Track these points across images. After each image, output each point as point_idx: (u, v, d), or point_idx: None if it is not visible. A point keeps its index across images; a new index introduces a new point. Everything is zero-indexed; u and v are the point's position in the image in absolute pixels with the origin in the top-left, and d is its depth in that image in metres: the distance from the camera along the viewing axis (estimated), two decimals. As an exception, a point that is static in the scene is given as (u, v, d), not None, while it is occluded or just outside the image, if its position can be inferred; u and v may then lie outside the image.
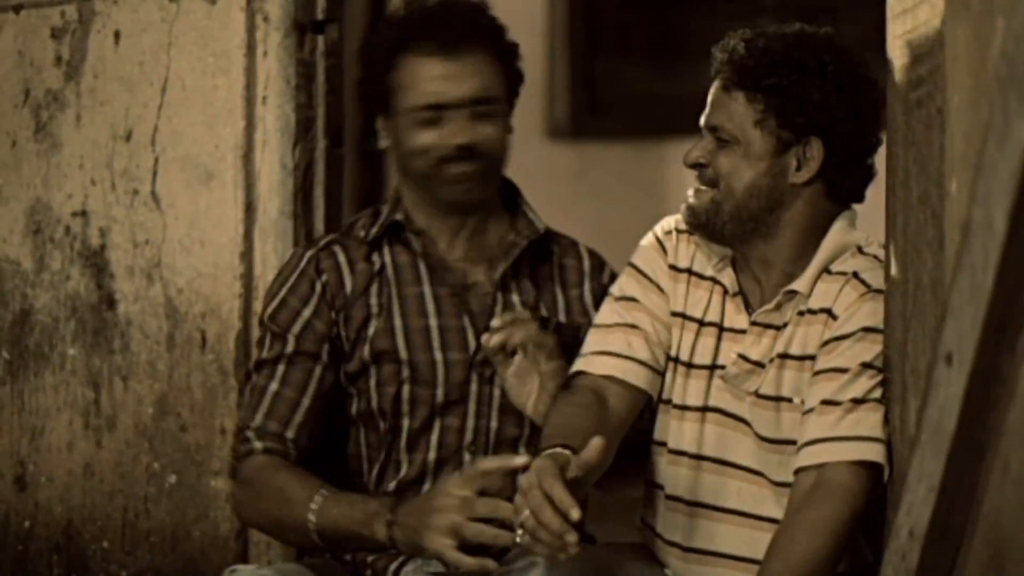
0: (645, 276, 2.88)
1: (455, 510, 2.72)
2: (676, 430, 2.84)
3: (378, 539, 2.82)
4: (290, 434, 2.96)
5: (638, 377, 2.81)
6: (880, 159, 2.74)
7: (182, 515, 3.38)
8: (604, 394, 2.79)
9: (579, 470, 2.53)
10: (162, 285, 3.40)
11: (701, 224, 2.78)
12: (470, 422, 3.00)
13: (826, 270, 2.74)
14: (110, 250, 3.45)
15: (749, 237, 2.77)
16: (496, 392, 3.00)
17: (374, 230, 3.05)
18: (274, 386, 2.98)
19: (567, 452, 2.56)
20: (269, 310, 3.05)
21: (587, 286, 3.09)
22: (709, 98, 2.79)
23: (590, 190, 6.49)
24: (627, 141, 6.34)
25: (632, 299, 2.86)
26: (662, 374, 2.85)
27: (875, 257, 2.74)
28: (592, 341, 2.87)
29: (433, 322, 3.01)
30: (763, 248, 2.77)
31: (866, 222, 2.83)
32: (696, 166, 2.78)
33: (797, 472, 2.67)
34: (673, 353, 2.85)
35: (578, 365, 2.85)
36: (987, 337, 2.04)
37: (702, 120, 2.79)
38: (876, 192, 2.78)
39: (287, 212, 3.33)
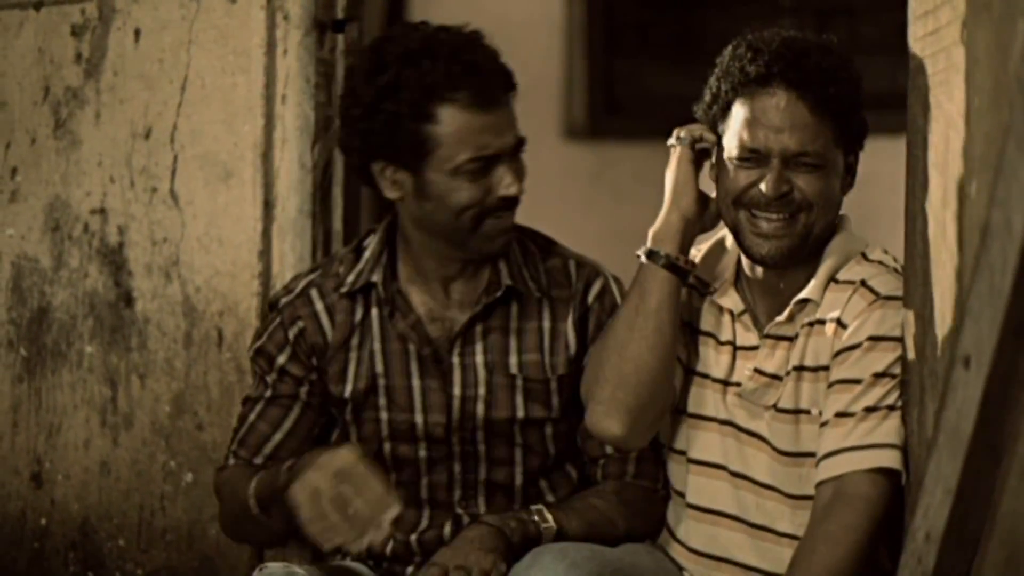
0: None
1: (326, 476, 2.57)
2: (695, 440, 2.83)
3: (279, 486, 2.71)
4: (258, 461, 2.96)
5: None
6: (897, 162, 2.74)
7: (198, 513, 3.39)
8: None
9: None
10: (180, 283, 3.40)
11: (792, 256, 2.71)
12: (457, 478, 2.96)
13: (833, 279, 2.73)
14: (128, 248, 3.46)
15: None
16: (481, 449, 2.95)
17: (351, 280, 2.95)
18: (251, 417, 2.99)
19: None
20: (251, 352, 3.03)
21: (571, 317, 2.96)
22: (779, 120, 2.66)
23: (607, 190, 6.48)
24: (645, 141, 6.32)
25: None
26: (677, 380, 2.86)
27: (880, 263, 2.74)
28: None
29: (416, 382, 2.94)
30: (802, 250, 2.74)
31: (882, 225, 2.83)
32: (783, 195, 2.68)
33: (817, 486, 2.67)
34: (687, 363, 2.85)
35: None
36: (1005, 340, 2.03)
37: (775, 144, 2.66)
38: (894, 195, 2.78)
39: (305, 211, 3.34)
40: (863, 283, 2.71)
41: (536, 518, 2.83)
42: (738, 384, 2.79)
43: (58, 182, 3.53)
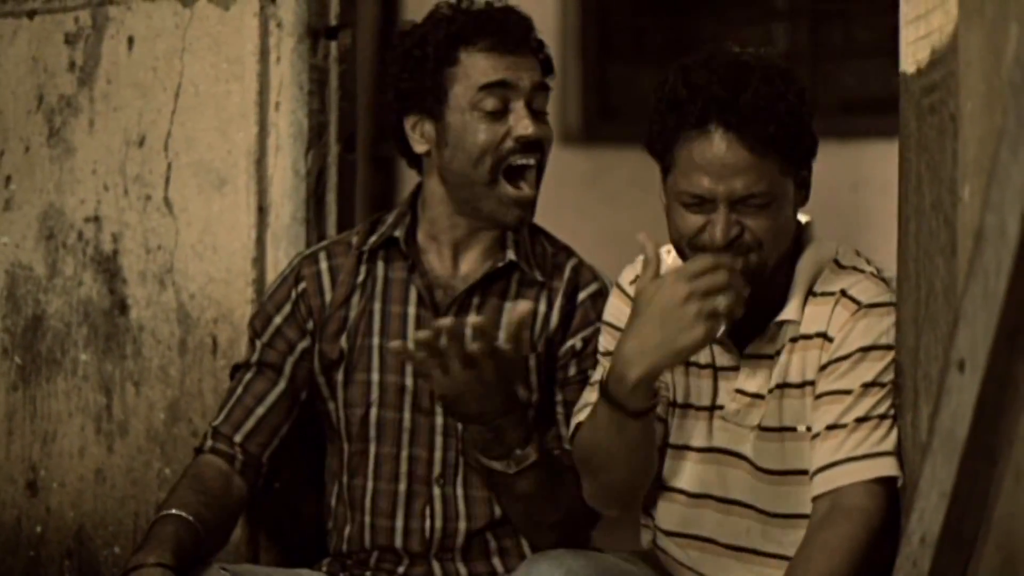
0: (620, 330, 2.83)
1: None
2: (674, 470, 2.81)
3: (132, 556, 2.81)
4: (238, 439, 3.00)
5: None
6: (891, 165, 2.74)
7: (194, 520, 3.38)
8: None
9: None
10: (174, 290, 3.40)
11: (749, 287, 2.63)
12: (438, 454, 2.98)
13: (811, 292, 2.70)
14: (123, 255, 3.46)
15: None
16: (460, 426, 2.95)
17: (372, 239, 3.03)
18: (239, 390, 3.04)
19: None
20: (251, 314, 3.13)
21: (558, 303, 3.01)
22: (722, 162, 2.58)
23: (602, 195, 6.49)
24: (639, 146, 6.34)
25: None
26: (664, 420, 2.81)
27: (855, 268, 2.72)
28: (585, 397, 2.85)
29: (411, 346, 2.98)
30: (762, 283, 2.68)
31: (876, 229, 2.82)
32: (734, 240, 2.61)
33: (814, 500, 2.65)
34: (670, 397, 2.82)
35: (576, 418, 2.83)
36: (1000, 343, 2.03)
37: (720, 189, 2.58)
38: (888, 198, 2.78)
39: (299, 217, 3.34)
40: (843, 293, 2.68)
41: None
42: (722, 407, 2.77)
43: (52, 190, 3.53)
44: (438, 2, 3.01)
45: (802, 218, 2.76)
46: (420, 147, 2.98)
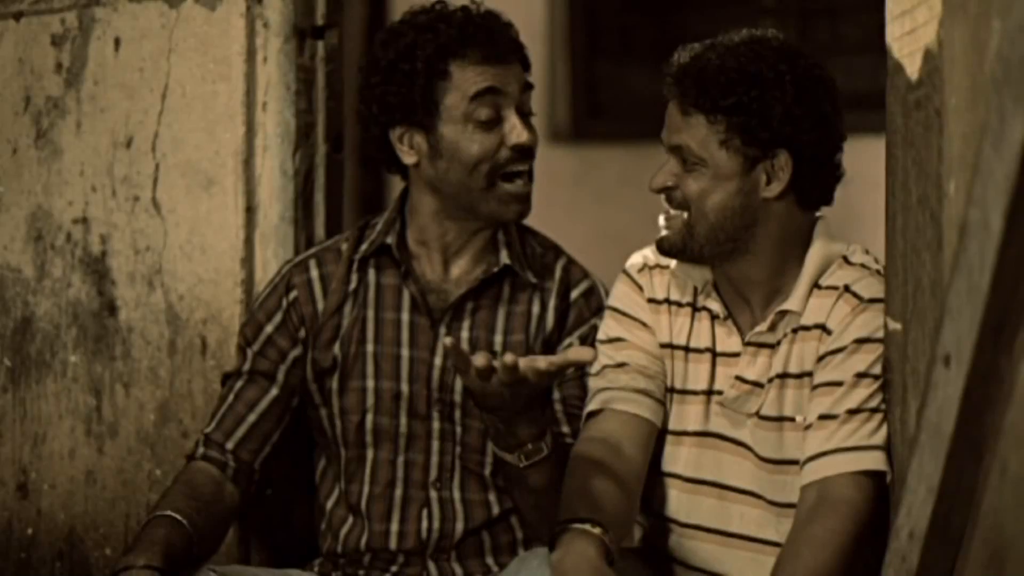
0: (626, 315, 2.87)
1: None
2: (670, 455, 2.83)
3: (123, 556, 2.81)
4: (230, 446, 3.00)
5: (639, 407, 2.80)
6: (879, 161, 2.74)
7: (185, 521, 3.38)
8: (616, 440, 2.77)
9: None
10: (163, 291, 3.40)
11: (678, 250, 2.75)
12: (434, 458, 2.99)
13: (816, 284, 2.73)
14: (111, 257, 3.45)
15: (728, 256, 2.73)
16: (458, 430, 2.97)
17: (363, 247, 3.04)
18: (230, 398, 3.04)
19: (596, 530, 2.58)
20: (242, 322, 3.12)
21: (552, 303, 3.02)
22: (667, 119, 2.74)
23: (591, 193, 6.50)
24: (627, 144, 6.35)
25: (618, 339, 2.86)
26: (663, 404, 2.83)
27: (862, 266, 2.73)
28: (593, 386, 2.86)
29: (405, 352, 2.99)
30: (744, 266, 2.75)
31: (864, 225, 2.82)
32: (664, 190, 2.74)
33: (801, 489, 2.66)
34: (668, 383, 2.84)
35: (589, 406, 2.84)
36: (984, 338, 2.04)
37: (664, 139, 2.74)
38: (876, 194, 2.78)
39: (288, 218, 3.34)
40: (847, 288, 2.71)
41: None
42: (720, 392, 2.79)
43: (40, 192, 3.52)
44: (413, 8, 2.99)
45: (817, 215, 2.79)
46: (409, 158, 2.97)
